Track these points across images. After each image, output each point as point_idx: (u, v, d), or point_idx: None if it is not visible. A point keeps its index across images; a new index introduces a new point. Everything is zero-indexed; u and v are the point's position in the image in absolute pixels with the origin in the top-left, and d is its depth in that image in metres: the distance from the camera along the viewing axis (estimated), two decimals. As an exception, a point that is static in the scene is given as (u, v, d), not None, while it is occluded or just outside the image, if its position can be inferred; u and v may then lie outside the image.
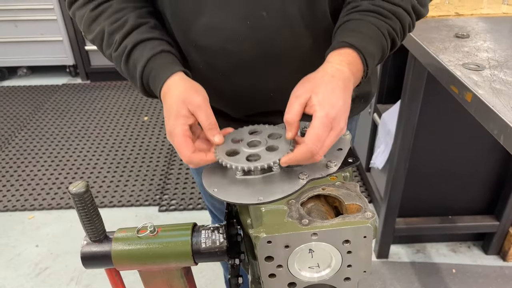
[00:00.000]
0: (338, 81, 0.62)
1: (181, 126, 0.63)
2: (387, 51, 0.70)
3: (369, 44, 0.66)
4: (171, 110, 0.65)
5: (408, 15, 0.71)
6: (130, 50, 0.71)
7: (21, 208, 2.15)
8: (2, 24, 3.27)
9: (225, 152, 0.64)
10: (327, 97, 0.60)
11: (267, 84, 0.77)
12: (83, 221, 0.64)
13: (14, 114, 3.03)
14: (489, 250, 1.81)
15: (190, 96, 0.64)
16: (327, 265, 0.57)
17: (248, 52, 0.73)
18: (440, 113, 1.53)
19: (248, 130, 0.69)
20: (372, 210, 0.55)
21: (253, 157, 0.62)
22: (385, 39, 0.68)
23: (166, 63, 0.70)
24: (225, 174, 0.65)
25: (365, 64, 0.66)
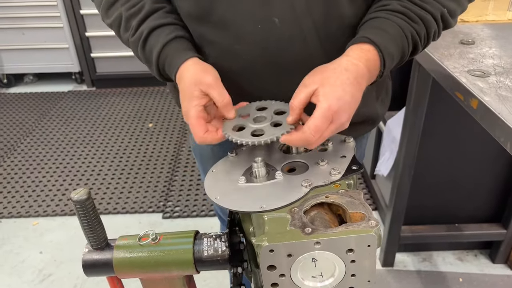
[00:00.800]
0: (350, 75, 0.62)
1: (195, 107, 0.66)
2: (407, 55, 0.69)
3: (391, 45, 0.66)
4: (185, 92, 0.67)
5: (436, 23, 0.69)
6: (146, 36, 0.73)
7: (25, 215, 2.15)
8: (9, 31, 3.30)
9: (231, 128, 0.66)
10: (334, 90, 0.60)
11: (272, 92, 0.76)
12: (85, 228, 0.64)
13: (20, 120, 3.05)
14: (496, 259, 1.79)
15: (201, 77, 0.66)
16: (331, 274, 0.56)
17: (256, 56, 0.72)
18: (445, 120, 1.52)
19: (256, 106, 0.70)
20: (376, 219, 0.54)
21: (258, 132, 0.64)
22: (407, 42, 0.68)
23: (179, 49, 0.72)
24: (228, 181, 0.64)
25: (382, 64, 0.66)
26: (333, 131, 0.61)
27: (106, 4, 0.77)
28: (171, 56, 0.71)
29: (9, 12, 3.23)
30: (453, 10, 0.71)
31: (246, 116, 0.68)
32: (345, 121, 0.62)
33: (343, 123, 0.62)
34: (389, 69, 0.69)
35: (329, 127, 0.60)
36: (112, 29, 0.78)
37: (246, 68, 0.74)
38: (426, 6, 0.68)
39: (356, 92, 0.62)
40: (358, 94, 0.63)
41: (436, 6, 0.68)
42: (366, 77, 0.64)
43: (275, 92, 0.76)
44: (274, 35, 0.70)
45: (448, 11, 0.70)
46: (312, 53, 0.72)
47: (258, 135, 0.64)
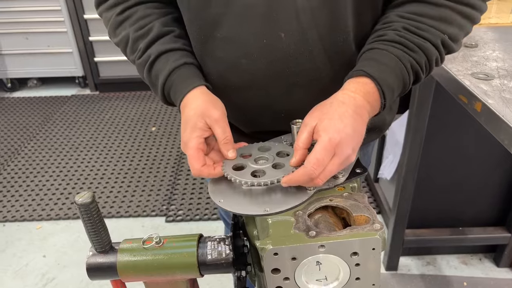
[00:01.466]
0: (348, 107, 0.60)
1: (196, 139, 0.65)
2: (408, 84, 0.67)
3: (388, 76, 0.64)
4: (188, 121, 0.66)
5: (436, 50, 0.67)
6: (154, 60, 0.72)
7: (29, 218, 2.16)
8: (13, 36, 3.33)
9: (232, 166, 0.64)
10: (333, 123, 0.59)
11: (279, 105, 0.76)
12: (89, 231, 0.64)
13: (24, 124, 3.06)
14: (501, 263, 1.77)
15: (208, 110, 0.66)
16: (335, 277, 0.56)
17: (262, 70, 0.71)
18: (449, 123, 1.52)
19: (258, 147, 0.69)
20: (380, 222, 0.54)
21: (258, 173, 0.63)
22: (407, 72, 0.66)
23: (187, 76, 0.71)
24: (232, 185, 0.64)
25: (382, 96, 0.64)
26: (338, 165, 0.59)
27: (114, 24, 0.77)
28: (177, 83, 0.71)
29: (13, 17, 3.25)
30: (455, 35, 0.68)
31: (248, 156, 0.67)
32: (349, 154, 0.59)
33: (348, 156, 0.59)
34: (392, 100, 0.67)
35: (332, 161, 0.58)
36: (119, 47, 0.79)
37: (252, 82, 0.73)
38: (424, 34, 0.66)
39: (357, 124, 0.60)
40: (360, 126, 0.61)
41: (435, 33, 0.66)
42: (367, 109, 0.63)
43: (281, 106, 0.76)
44: (280, 49, 0.69)
45: (449, 37, 0.67)
46: (318, 66, 0.72)
47: (258, 176, 0.62)
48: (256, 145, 0.70)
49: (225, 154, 0.66)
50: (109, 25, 0.78)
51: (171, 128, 2.95)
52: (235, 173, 0.63)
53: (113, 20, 0.76)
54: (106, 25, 0.79)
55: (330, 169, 0.58)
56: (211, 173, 0.64)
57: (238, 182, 0.61)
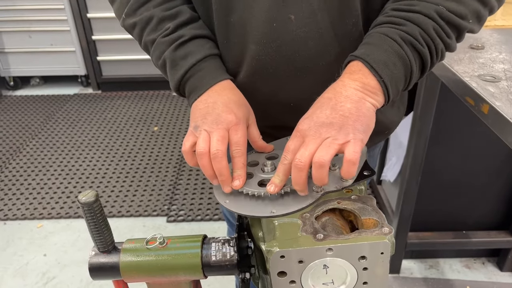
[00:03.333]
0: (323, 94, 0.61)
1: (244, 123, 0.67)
2: (408, 59, 0.62)
3: (374, 51, 0.61)
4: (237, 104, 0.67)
5: (431, 20, 0.62)
6: (186, 40, 0.71)
7: (30, 217, 2.15)
8: (16, 34, 3.32)
9: None
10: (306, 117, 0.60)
11: (288, 93, 0.75)
12: (92, 231, 0.63)
13: (26, 123, 3.06)
14: (504, 267, 1.76)
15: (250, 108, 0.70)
16: (342, 281, 0.55)
17: (271, 54, 0.70)
18: (453, 125, 1.51)
19: (266, 155, 0.70)
20: (389, 226, 0.53)
21: (266, 182, 0.62)
22: (398, 45, 0.61)
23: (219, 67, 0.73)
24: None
25: (375, 71, 0.60)
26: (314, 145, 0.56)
27: (136, 3, 0.74)
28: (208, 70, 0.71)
29: (16, 15, 3.25)
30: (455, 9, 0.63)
31: (255, 165, 0.67)
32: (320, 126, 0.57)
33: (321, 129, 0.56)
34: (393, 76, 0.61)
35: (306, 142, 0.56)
36: (135, 28, 0.75)
37: (261, 68, 0.72)
38: (414, 8, 0.63)
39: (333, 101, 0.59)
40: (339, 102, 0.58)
41: (427, 5, 0.62)
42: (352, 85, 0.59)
43: (290, 94, 0.74)
44: (290, 32, 0.68)
45: (447, 9, 0.63)
46: (329, 51, 0.70)
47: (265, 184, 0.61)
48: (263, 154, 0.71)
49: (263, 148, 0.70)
50: (129, 5, 0.74)
51: (173, 128, 2.94)
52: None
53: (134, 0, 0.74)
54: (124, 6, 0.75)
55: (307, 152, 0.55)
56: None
57: (245, 192, 0.61)
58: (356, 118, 0.57)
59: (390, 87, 0.61)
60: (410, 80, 0.64)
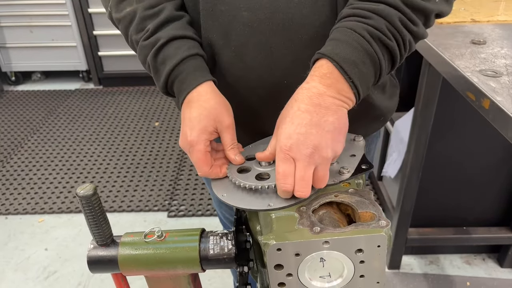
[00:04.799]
0: (300, 103, 0.57)
1: (204, 142, 0.65)
2: (377, 56, 0.59)
3: (342, 50, 0.58)
4: (197, 121, 0.65)
5: (397, 10, 0.60)
6: (163, 44, 0.68)
7: (31, 211, 2.16)
8: (18, 29, 3.32)
9: (236, 169, 0.65)
10: (282, 129, 0.58)
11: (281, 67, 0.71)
12: (90, 224, 0.63)
13: (27, 118, 3.07)
14: (505, 263, 1.76)
15: (222, 115, 0.66)
16: (339, 275, 0.55)
17: (264, 22, 0.67)
18: (455, 121, 1.50)
19: (262, 147, 0.68)
20: (386, 219, 0.53)
21: (263, 175, 0.63)
22: (367, 42, 0.58)
23: (197, 69, 0.68)
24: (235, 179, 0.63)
25: (344, 73, 0.57)
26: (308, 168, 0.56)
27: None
28: (187, 73, 0.67)
29: (18, 10, 3.24)
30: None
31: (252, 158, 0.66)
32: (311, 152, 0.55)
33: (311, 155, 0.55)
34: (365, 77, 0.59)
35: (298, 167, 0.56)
36: (119, 25, 0.73)
37: (254, 37, 0.69)
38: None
39: (314, 117, 0.56)
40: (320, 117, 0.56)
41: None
42: (328, 93, 0.57)
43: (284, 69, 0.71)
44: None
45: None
46: (324, 20, 0.67)
47: (263, 179, 0.62)
48: (259, 145, 0.70)
49: (232, 159, 0.66)
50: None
51: (174, 124, 2.95)
52: (240, 176, 0.63)
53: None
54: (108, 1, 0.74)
55: (302, 176, 0.56)
56: (218, 175, 0.65)
57: (243, 186, 0.61)
58: (339, 131, 0.58)
59: (360, 87, 0.59)
60: (379, 76, 0.62)
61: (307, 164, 0.56)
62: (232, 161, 0.66)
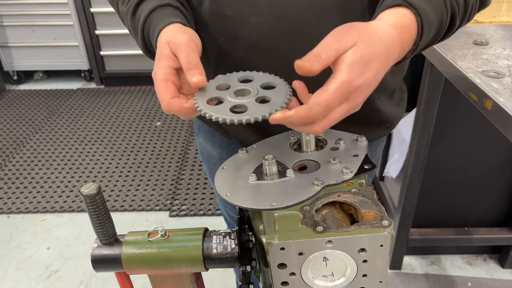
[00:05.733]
0: (382, 47, 0.52)
1: (163, 69, 0.57)
2: (444, 27, 0.59)
3: (430, 9, 0.56)
4: (157, 53, 0.60)
5: None
6: (138, 3, 0.67)
7: (33, 210, 2.17)
8: (20, 29, 3.33)
9: (206, 100, 0.54)
10: (361, 61, 0.50)
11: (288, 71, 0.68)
12: (94, 223, 0.63)
13: (29, 117, 3.07)
14: (506, 264, 1.76)
15: (174, 36, 0.59)
16: (342, 274, 0.55)
17: (272, 27, 0.67)
18: (456, 121, 1.50)
19: (238, 77, 0.59)
20: (389, 218, 0.53)
21: (239, 108, 0.53)
22: (445, 9, 0.58)
23: (167, 15, 0.65)
24: (238, 179, 0.64)
25: (420, 33, 0.56)
26: (344, 113, 0.52)
27: None
28: (156, 21, 0.64)
29: (20, 10, 3.25)
30: None
31: (225, 89, 0.57)
32: (360, 102, 0.52)
33: (357, 105, 0.52)
34: (425, 43, 0.59)
35: (341, 106, 0.51)
36: (113, 6, 0.74)
37: (261, 42, 0.69)
38: None
39: (382, 69, 0.53)
40: (382, 71, 0.53)
41: None
42: (397, 51, 0.55)
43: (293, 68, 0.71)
44: (292, 4, 0.66)
45: None
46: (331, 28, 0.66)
47: (239, 112, 0.53)
48: (235, 74, 0.60)
49: (190, 81, 0.55)
50: None
51: (176, 123, 2.95)
52: (211, 108, 0.53)
53: None
54: None
55: (335, 117, 0.51)
56: (183, 107, 0.56)
57: (215, 118, 0.52)
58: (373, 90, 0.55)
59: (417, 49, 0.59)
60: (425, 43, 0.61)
61: (350, 110, 0.52)
62: (190, 82, 0.56)
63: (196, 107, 0.53)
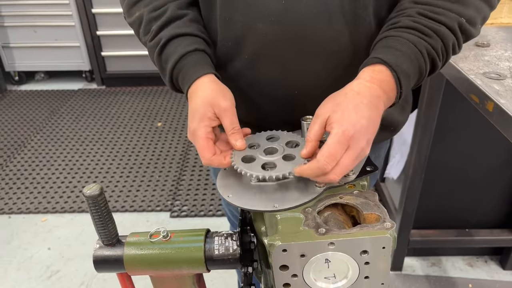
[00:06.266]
0: (363, 98, 0.58)
1: (205, 128, 0.64)
2: (425, 72, 0.65)
3: (404, 63, 0.62)
4: (196, 111, 0.65)
5: (453, 34, 0.65)
6: (165, 43, 0.71)
7: (34, 211, 2.17)
8: (22, 29, 3.34)
9: (241, 158, 0.63)
10: (347, 115, 0.57)
11: (293, 78, 0.73)
12: (96, 224, 0.63)
13: (30, 117, 3.08)
14: (507, 265, 1.76)
15: (217, 99, 0.65)
16: (344, 276, 0.55)
17: (278, 35, 0.69)
18: (457, 123, 1.50)
19: (266, 136, 0.68)
20: (391, 220, 0.53)
21: (269, 165, 0.62)
22: (423, 59, 0.63)
23: (197, 62, 0.70)
24: (241, 180, 0.64)
25: (398, 84, 0.62)
26: (353, 158, 0.57)
27: (129, 3, 0.76)
28: (186, 68, 0.69)
29: (21, 10, 3.26)
30: (472, 18, 0.65)
31: (256, 147, 0.66)
32: (364, 146, 0.57)
33: (362, 148, 0.57)
34: (408, 89, 0.64)
35: (347, 153, 0.56)
36: (132, 28, 0.78)
37: (267, 48, 0.71)
38: (440, 18, 0.64)
39: (372, 114, 0.58)
40: (375, 117, 0.59)
41: (451, 16, 0.64)
42: (383, 99, 0.61)
43: (295, 80, 0.73)
44: (299, 12, 0.67)
45: (466, 20, 0.65)
46: (337, 37, 0.69)
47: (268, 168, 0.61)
48: (264, 134, 0.68)
49: (234, 144, 0.64)
50: (125, 4, 0.77)
51: (177, 124, 2.95)
52: (245, 165, 0.61)
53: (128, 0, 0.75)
54: (122, 4, 0.78)
55: (345, 163, 0.56)
56: (222, 163, 0.63)
57: (249, 175, 0.60)
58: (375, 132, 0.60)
59: (402, 96, 0.64)
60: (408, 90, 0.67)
61: (357, 155, 0.57)
62: (234, 146, 0.65)
63: (233, 165, 0.62)
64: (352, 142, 0.56)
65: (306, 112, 0.66)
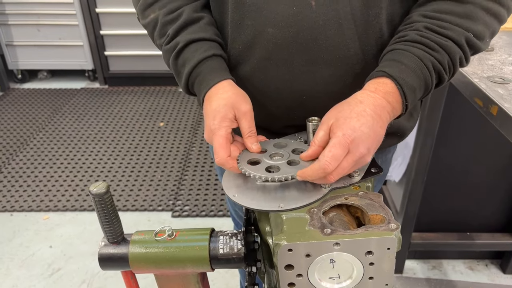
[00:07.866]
0: (366, 107, 0.60)
1: (225, 128, 0.65)
2: (431, 85, 0.66)
3: (409, 76, 0.63)
4: (218, 111, 0.66)
5: (460, 49, 0.65)
6: (182, 48, 0.72)
7: (36, 209, 2.17)
8: (25, 28, 3.35)
9: (247, 161, 0.64)
10: (348, 121, 0.59)
11: (301, 84, 0.74)
12: (102, 222, 0.64)
13: (33, 116, 3.08)
14: (507, 269, 1.76)
15: (239, 103, 0.67)
16: (348, 276, 0.56)
17: (288, 40, 0.69)
18: (460, 126, 1.50)
19: (274, 143, 0.69)
20: (396, 222, 0.54)
21: (273, 169, 0.63)
22: (428, 73, 0.64)
23: (215, 69, 0.71)
24: (246, 180, 0.64)
25: (403, 96, 0.63)
26: (352, 163, 0.58)
27: (143, 5, 0.76)
28: (204, 74, 0.70)
29: (25, 9, 3.27)
30: (480, 33, 0.66)
31: (263, 152, 0.67)
32: (364, 153, 0.59)
33: (362, 155, 0.59)
34: (414, 101, 0.65)
35: (346, 158, 0.58)
36: (146, 30, 0.78)
37: (276, 53, 0.71)
38: (447, 32, 0.64)
39: (375, 124, 0.59)
40: (379, 127, 0.60)
41: (459, 31, 0.64)
42: (387, 109, 0.62)
43: (303, 85, 0.73)
44: (309, 19, 0.68)
45: (474, 35, 0.65)
46: (347, 43, 0.69)
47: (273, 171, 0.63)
48: (272, 141, 0.70)
49: (249, 147, 0.66)
50: (138, 6, 0.77)
51: (179, 124, 2.96)
52: (250, 167, 0.62)
53: (142, 1, 0.76)
54: (135, 6, 0.78)
55: (344, 166, 0.58)
56: (234, 167, 0.64)
57: (253, 176, 0.61)
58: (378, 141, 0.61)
59: (408, 108, 0.65)
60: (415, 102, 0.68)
61: (356, 160, 0.58)
62: (249, 149, 0.66)
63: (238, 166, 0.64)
64: (352, 146, 0.57)
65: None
